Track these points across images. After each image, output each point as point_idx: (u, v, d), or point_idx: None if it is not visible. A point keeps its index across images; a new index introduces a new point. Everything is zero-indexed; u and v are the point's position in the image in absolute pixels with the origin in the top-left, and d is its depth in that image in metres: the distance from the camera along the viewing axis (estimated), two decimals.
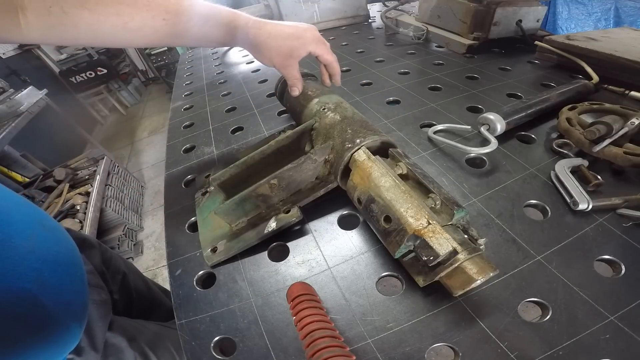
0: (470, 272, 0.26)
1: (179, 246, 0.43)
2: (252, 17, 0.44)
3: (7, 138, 1.54)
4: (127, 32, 0.37)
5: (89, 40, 0.38)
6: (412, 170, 0.33)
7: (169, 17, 0.38)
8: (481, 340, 0.28)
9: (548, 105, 0.52)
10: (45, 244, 0.40)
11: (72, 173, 1.76)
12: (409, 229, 0.28)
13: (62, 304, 0.39)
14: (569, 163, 0.42)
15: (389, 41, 0.95)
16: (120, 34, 0.37)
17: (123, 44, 0.40)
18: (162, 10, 0.37)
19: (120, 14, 0.35)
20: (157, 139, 2.87)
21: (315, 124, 0.43)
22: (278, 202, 0.41)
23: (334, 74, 0.50)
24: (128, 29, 0.37)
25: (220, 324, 0.34)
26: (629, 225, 0.35)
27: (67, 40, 0.37)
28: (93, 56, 3.38)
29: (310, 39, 0.44)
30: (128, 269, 0.68)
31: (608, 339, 0.27)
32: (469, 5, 0.75)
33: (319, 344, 0.25)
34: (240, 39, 0.44)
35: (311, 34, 0.45)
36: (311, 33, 0.45)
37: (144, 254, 1.77)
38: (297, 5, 1.08)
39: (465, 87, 0.65)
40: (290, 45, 0.44)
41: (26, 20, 0.32)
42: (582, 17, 2.05)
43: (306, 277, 0.36)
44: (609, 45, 0.61)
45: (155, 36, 0.39)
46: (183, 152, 0.62)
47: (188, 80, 0.96)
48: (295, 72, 0.47)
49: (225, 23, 0.42)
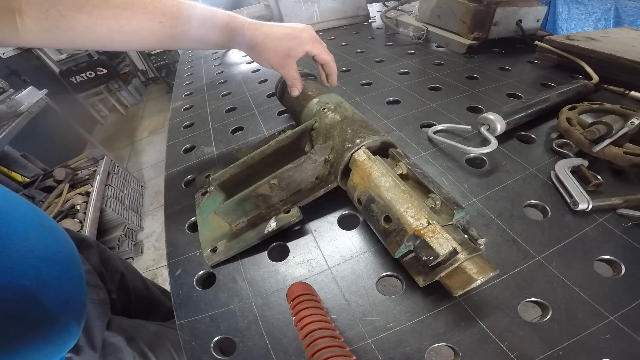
0: (470, 272, 0.26)
1: (179, 246, 0.43)
2: (248, 19, 0.44)
3: (7, 138, 1.54)
4: (124, 35, 0.37)
5: (86, 44, 0.38)
6: (412, 170, 0.33)
7: (166, 20, 0.38)
8: (481, 340, 0.28)
9: (548, 105, 0.52)
10: (44, 243, 0.40)
11: (72, 173, 1.76)
12: (409, 229, 0.28)
13: (61, 303, 0.39)
14: (569, 163, 0.42)
15: (389, 41, 0.95)
16: (117, 37, 0.37)
17: (120, 47, 0.40)
18: (158, 13, 0.37)
19: (117, 17, 0.35)
20: (157, 139, 2.87)
21: (315, 124, 0.43)
22: (278, 202, 0.41)
23: (330, 73, 0.50)
24: (125, 32, 0.37)
25: (220, 324, 0.33)
26: (629, 225, 0.35)
27: (64, 44, 0.37)
28: (93, 56, 3.38)
29: (306, 38, 0.44)
30: (126, 269, 0.68)
31: (608, 339, 0.27)
32: (469, 5, 0.75)
33: (319, 344, 0.25)
34: (238, 41, 0.44)
35: (307, 33, 0.45)
36: (307, 33, 0.45)
37: (144, 254, 1.77)
38: (297, 5, 1.08)
39: (465, 87, 0.65)
40: (287, 45, 0.44)
41: (23, 24, 0.32)
42: (582, 17, 2.05)
43: (306, 277, 0.36)
44: (609, 45, 0.61)
45: (153, 39, 0.39)
46: (183, 152, 0.62)
47: (188, 80, 0.96)
48: (294, 72, 0.47)
49: (222, 25, 0.42)
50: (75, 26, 0.34)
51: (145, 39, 0.39)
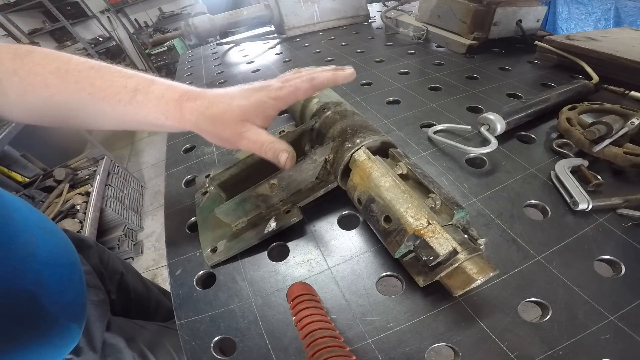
0: (470, 272, 0.26)
1: (179, 246, 0.43)
2: (190, 89, 0.33)
3: (7, 138, 1.54)
4: (52, 106, 0.32)
5: (20, 115, 0.34)
6: (412, 170, 0.33)
7: (95, 92, 0.31)
8: (481, 340, 0.28)
9: (548, 105, 0.52)
10: (45, 246, 0.40)
11: (72, 173, 1.76)
12: (409, 229, 0.28)
13: (62, 305, 0.39)
14: (569, 163, 0.42)
15: (389, 41, 0.95)
16: (46, 107, 0.32)
17: (50, 121, 0.35)
18: (87, 83, 0.31)
19: (48, 84, 0.31)
20: (157, 139, 2.87)
21: (315, 124, 0.43)
22: (278, 202, 0.41)
23: (327, 81, 0.36)
24: (54, 103, 0.32)
25: (220, 323, 0.33)
26: (629, 225, 0.35)
27: (1, 112, 0.33)
28: (93, 56, 3.38)
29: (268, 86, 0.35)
30: (126, 269, 0.68)
31: (608, 339, 0.27)
32: (469, 5, 0.75)
33: (319, 344, 0.25)
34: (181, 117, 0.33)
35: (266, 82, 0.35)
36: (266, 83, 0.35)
37: (144, 254, 1.77)
38: (297, 5, 1.08)
39: (465, 87, 0.65)
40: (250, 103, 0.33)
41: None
42: (582, 17, 2.05)
43: (306, 277, 0.36)
44: (609, 45, 0.61)
45: (84, 113, 0.33)
46: (183, 152, 0.62)
47: (188, 80, 0.96)
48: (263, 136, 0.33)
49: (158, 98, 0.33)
50: (9, 91, 0.31)
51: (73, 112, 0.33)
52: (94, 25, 3.70)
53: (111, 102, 0.31)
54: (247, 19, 1.09)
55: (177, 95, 0.32)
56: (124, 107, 0.31)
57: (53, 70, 0.31)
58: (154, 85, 0.32)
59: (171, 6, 3.82)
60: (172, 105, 0.31)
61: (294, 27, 1.11)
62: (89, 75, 0.31)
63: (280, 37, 1.13)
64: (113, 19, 3.71)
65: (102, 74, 0.32)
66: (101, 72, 0.32)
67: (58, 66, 0.31)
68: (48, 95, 0.31)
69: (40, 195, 1.59)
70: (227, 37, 1.32)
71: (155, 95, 0.31)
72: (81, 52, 3.35)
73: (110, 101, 0.31)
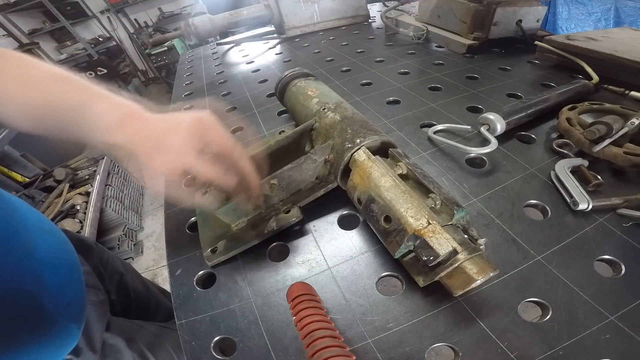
0: (470, 272, 0.26)
1: (179, 246, 0.43)
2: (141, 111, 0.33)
3: (7, 138, 1.54)
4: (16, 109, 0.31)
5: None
6: (412, 170, 0.33)
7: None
8: (481, 340, 0.28)
9: (548, 105, 0.52)
10: (44, 247, 0.40)
11: (72, 173, 1.76)
12: (409, 229, 0.28)
13: (61, 305, 0.39)
14: (569, 163, 0.42)
15: (389, 41, 0.95)
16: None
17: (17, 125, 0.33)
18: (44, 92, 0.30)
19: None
20: None
21: (315, 124, 0.43)
22: (278, 202, 0.41)
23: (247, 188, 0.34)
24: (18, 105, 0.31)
25: (220, 323, 0.33)
26: (629, 225, 0.35)
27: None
28: (93, 56, 3.39)
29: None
30: (125, 269, 0.68)
31: (608, 339, 0.27)
32: (469, 5, 0.75)
33: (319, 344, 0.25)
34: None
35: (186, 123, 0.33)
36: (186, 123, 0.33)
37: (144, 254, 1.77)
38: (297, 5, 1.08)
39: (465, 87, 0.65)
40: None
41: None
42: (582, 17, 2.05)
43: (306, 277, 0.36)
44: (609, 45, 0.61)
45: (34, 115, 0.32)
46: None
47: (188, 80, 0.96)
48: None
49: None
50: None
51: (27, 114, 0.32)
52: (94, 25, 3.70)
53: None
54: (247, 19, 1.09)
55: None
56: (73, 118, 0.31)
57: (16, 76, 0.30)
58: (104, 101, 0.31)
59: (171, 6, 3.82)
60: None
61: (294, 27, 1.12)
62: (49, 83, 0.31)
63: (280, 37, 1.13)
64: (113, 19, 3.71)
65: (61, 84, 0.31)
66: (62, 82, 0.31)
67: (21, 73, 0.31)
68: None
69: (40, 195, 1.59)
70: (227, 37, 1.32)
71: (103, 110, 0.31)
72: (81, 51, 3.35)
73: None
